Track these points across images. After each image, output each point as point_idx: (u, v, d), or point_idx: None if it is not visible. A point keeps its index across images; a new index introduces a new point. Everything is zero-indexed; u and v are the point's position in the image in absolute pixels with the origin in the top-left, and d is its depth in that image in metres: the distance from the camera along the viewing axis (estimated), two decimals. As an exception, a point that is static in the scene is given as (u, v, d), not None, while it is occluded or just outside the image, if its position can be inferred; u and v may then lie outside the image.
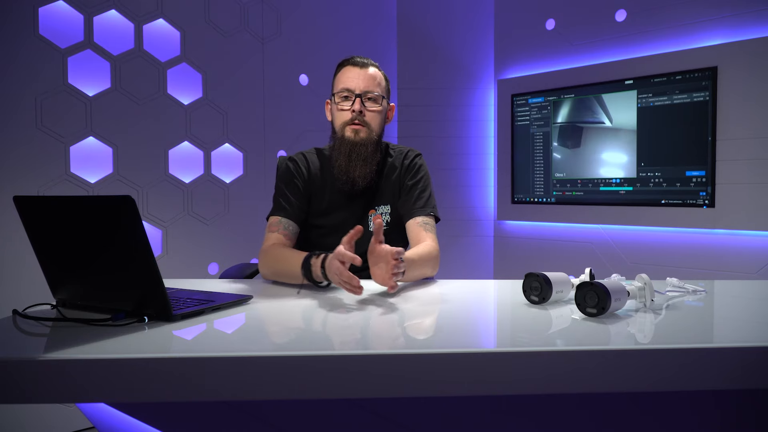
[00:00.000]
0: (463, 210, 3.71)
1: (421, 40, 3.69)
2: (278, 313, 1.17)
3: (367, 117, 1.64)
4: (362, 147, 1.63)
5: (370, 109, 1.64)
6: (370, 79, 1.63)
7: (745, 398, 1.04)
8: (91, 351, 0.87)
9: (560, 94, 3.28)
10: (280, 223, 1.64)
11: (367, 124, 1.63)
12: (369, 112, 1.64)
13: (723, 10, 2.75)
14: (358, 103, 1.62)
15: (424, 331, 1.11)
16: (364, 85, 1.62)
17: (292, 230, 1.65)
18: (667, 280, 1.42)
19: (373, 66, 1.67)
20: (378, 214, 1.68)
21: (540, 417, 1.06)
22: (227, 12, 2.90)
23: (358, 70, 1.64)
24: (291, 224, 1.65)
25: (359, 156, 1.62)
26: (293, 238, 1.65)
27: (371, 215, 1.69)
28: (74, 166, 2.46)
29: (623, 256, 3.11)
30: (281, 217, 1.65)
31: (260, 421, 1.09)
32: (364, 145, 1.63)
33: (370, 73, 1.64)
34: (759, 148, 2.63)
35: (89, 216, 1.05)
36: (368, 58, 1.69)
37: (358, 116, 1.62)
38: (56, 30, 2.40)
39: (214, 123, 2.87)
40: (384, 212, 1.70)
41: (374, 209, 1.70)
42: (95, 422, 1.32)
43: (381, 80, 1.67)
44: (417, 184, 1.70)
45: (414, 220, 1.65)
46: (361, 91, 1.62)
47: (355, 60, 1.67)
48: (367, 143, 1.63)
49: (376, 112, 1.65)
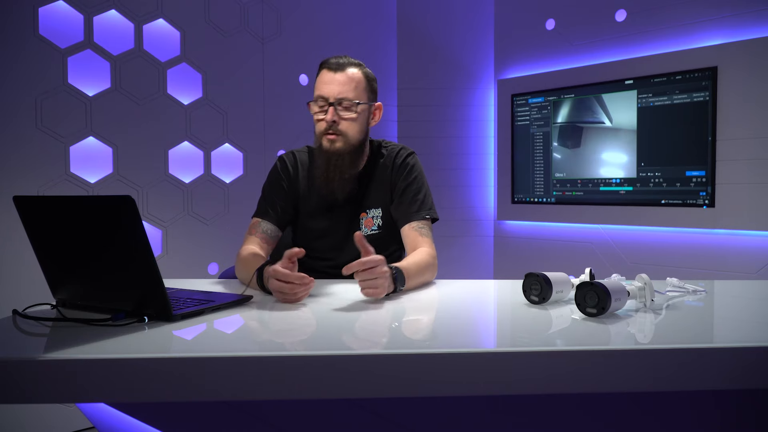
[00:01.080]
0: (463, 210, 3.71)
1: (421, 40, 3.69)
2: (278, 313, 1.17)
3: (342, 126, 1.55)
4: (339, 158, 1.57)
5: (344, 118, 1.55)
6: (345, 84, 1.54)
7: (745, 398, 1.04)
8: (91, 351, 0.87)
9: (560, 94, 3.28)
10: (260, 225, 1.63)
11: (342, 134, 1.56)
12: (344, 121, 1.55)
13: (723, 10, 2.75)
14: (331, 112, 1.54)
15: (424, 331, 1.11)
16: (337, 92, 1.54)
17: (271, 234, 1.63)
18: (667, 280, 1.42)
19: (352, 66, 1.57)
20: (369, 218, 1.64)
21: (540, 417, 1.06)
22: (227, 12, 2.90)
23: (332, 75, 1.55)
24: (271, 227, 1.63)
25: (336, 167, 1.57)
26: (272, 241, 1.63)
27: (363, 218, 1.65)
28: (74, 166, 2.46)
29: (623, 256, 3.11)
30: (261, 220, 1.64)
31: (260, 421, 1.09)
32: (341, 156, 1.57)
33: (345, 77, 1.55)
34: (759, 148, 2.63)
35: (89, 216, 1.05)
36: (346, 57, 1.59)
37: (332, 126, 1.55)
38: (56, 30, 2.40)
39: (214, 123, 2.87)
40: (375, 215, 1.65)
41: (365, 212, 1.65)
42: (95, 422, 1.32)
43: (359, 82, 1.56)
44: (410, 185, 1.63)
45: (409, 225, 1.60)
46: (335, 98, 1.54)
47: (330, 63, 1.57)
48: (343, 153, 1.57)
49: (351, 120, 1.56)
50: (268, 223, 1.64)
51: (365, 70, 1.61)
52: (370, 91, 1.61)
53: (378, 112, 1.65)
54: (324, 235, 1.65)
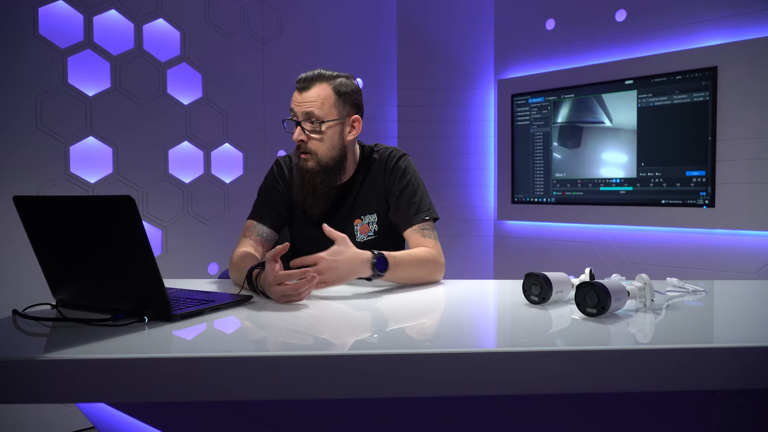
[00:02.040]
0: (463, 210, 3.71)
1: (421, 40, 3.69)
2: (278, 313, 1.17)
3: (311, 145, 1.54)
4: (311, 177, 1.56)
5: (312, 137, 1.54)
6: (310, 102, 1.51)
7: (745, 398, 1.04)
8: (91, 351, 0.87)
9: (560, 94, 3.28)
10: (255, 228, 1.63)
11: (312, 152, 1.55)
12: (312, 140, 1.54)
13: (723, 10, 2.75)
14: (298, 131, 1.53)
15: (424, 331, 1.11)
16: (302, 111, 1.52)
17: (266, 237, 1.63)
18: (667, 280, 1.42)
19: (322, 81, 1.53)
20: (365, 224, 1.63)
21: (540, 417, 1.06)
22: (227, 12, 2.90)
23: (298, 94, 1.53)
24: (266, 230, 1.63)
25: (309, 186, 1.57)
26: (267, 244, 1.63)
27: (357, 225, 1.64)
28: (74, 166, 2.46)
29: (623, 256, 3.11)
30: (257, 223, 1.64)
31: (260, 421, 1.09)
32: (312, 176, 1.56)
33: (312, 94, 1.51)
34: (759, 148, 2.63)
35: (89, 216, 1.05)
36: (319, 71, 1.54)
37: (302, 144, 1.54)
38: (56, 30, 2.40)
39: (214, 123, 2.87)
40: (371, 221, 1.64)
41: (360, 219, 1.64)
42: (95, 422, 1.32)
43: (326, 99, 1.52)
44: (405, 189, 1.60)
45: (411, 229, 1.58)
46: (301, 117, 1.53)
47: (299, 80, 1.54)
48: (314, 173, 1.56)
49: (318, 140, 1.54)
50: (263, 225, 1.63)
51: (338, 82, 1.55)
52: (342, 106, 1.55)
53: (357, 124, 1.60)
54: (318, 241, 1.64)
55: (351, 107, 1.58)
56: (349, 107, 1.57)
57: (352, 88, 1.58)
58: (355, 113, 1.59)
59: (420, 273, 1.47)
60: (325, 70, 1.56)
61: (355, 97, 1.59)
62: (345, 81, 1.57)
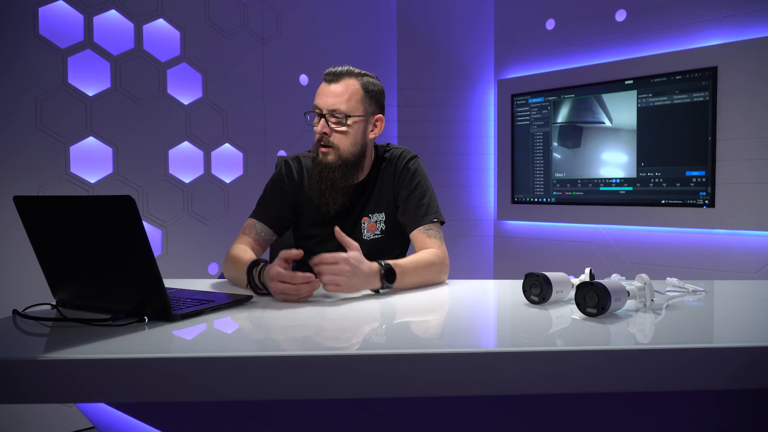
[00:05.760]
0: (463, 210, 3.71)
1: (421, 40, 3.69)
2: (278, 313, 1.17)
3: (334, 138, 1.54)
4: (330, 171, 1.55)
5: (336, 130, 1.54)
6: (338, 96, 1.52)
7: (745, 398, 1.04)
8: (91, 351, 0.87)
9: (560, 94, 3.28)
10: (255, 227, 1.62)
11: (334, 146, 1.54)
12: (335, 134, 1.54)
13: (723, 10, 2.75)
14: (322, 124, 1.53)
15: (424, 331, 1.11)
16: (329, 103, 1.52)
17: (264, 236, 1.62)
18: (667, 280, 1.42)
19: (351, 76, 1.54)
20: (372, 222, 1.63)
21: (540, 417, 1.06)
22: (227, 12, 2.90)
23: (327, 86, 1.53)
24: (265, 230, 1.62)
25: (327, 181, 1.56)
26: (265, 244, 1.62)
27: (364, 223, 1.63)
28: (74, 166, 2.46)
29: (623, 256, 3.11)
30: (257, 221, 1.63)
31: (260, 421, 1.09)
32: (332, 170, 1.55)
33: (340, 88, 1.52)
34: (759, 148, 2.63)
35: (89, 216, 1.05)
36: (348, 66, 1.56)
37: (324, 137, 1.54)
38: (56, 30, 2.40)
39: (214, 123, 2.87)
40: (378, 220, 1.64)
41: (367, 217, 1.64)
42: (95, 422, 1.32)
43: (353, 93, 1.53)
44: (414, 191, 1.61)
45: (417, 230, 1.59)
46: (327, 110, 1.53)
47: (328, 72, 1.55)
48: (334, 167, 1.55)
49: (342, 133, 1.54)
50: (264, 225, 1.63)
51: (366, 80, 1.57)
52: (369, 103, 1.57)
53: (379, 123, 1.62)
54: (325, 240, 1.64)
55: (376, 106, 1.61)
56: (374, 106, 1.60)
57: (378, 88, 1.61)
58: (379, 113, 1.62)
59: (426, 277, 1.47)
60: (354, 67, 1.58)
61: (380, 98, 1.62)
62: (372, 80, 1.60)
